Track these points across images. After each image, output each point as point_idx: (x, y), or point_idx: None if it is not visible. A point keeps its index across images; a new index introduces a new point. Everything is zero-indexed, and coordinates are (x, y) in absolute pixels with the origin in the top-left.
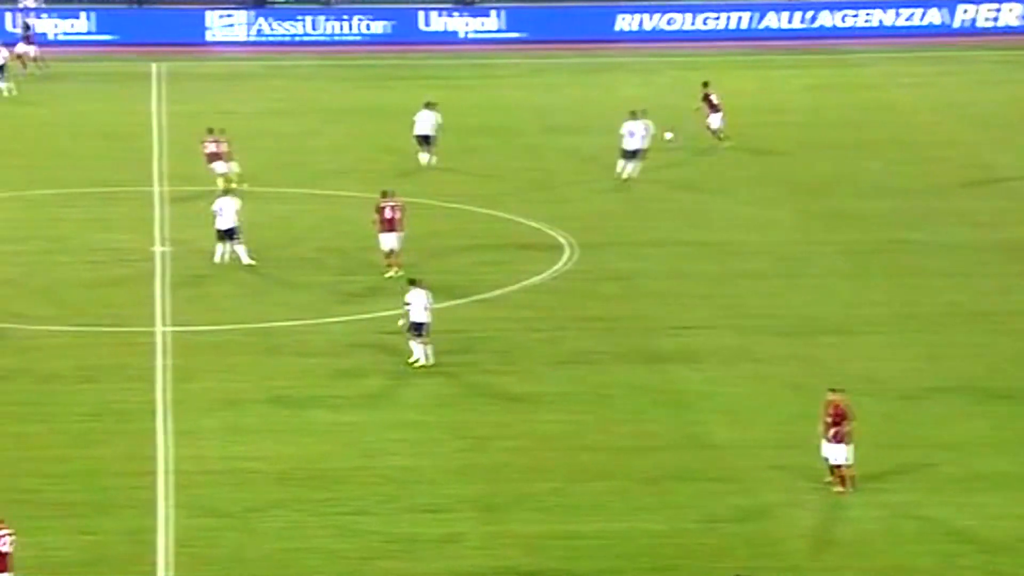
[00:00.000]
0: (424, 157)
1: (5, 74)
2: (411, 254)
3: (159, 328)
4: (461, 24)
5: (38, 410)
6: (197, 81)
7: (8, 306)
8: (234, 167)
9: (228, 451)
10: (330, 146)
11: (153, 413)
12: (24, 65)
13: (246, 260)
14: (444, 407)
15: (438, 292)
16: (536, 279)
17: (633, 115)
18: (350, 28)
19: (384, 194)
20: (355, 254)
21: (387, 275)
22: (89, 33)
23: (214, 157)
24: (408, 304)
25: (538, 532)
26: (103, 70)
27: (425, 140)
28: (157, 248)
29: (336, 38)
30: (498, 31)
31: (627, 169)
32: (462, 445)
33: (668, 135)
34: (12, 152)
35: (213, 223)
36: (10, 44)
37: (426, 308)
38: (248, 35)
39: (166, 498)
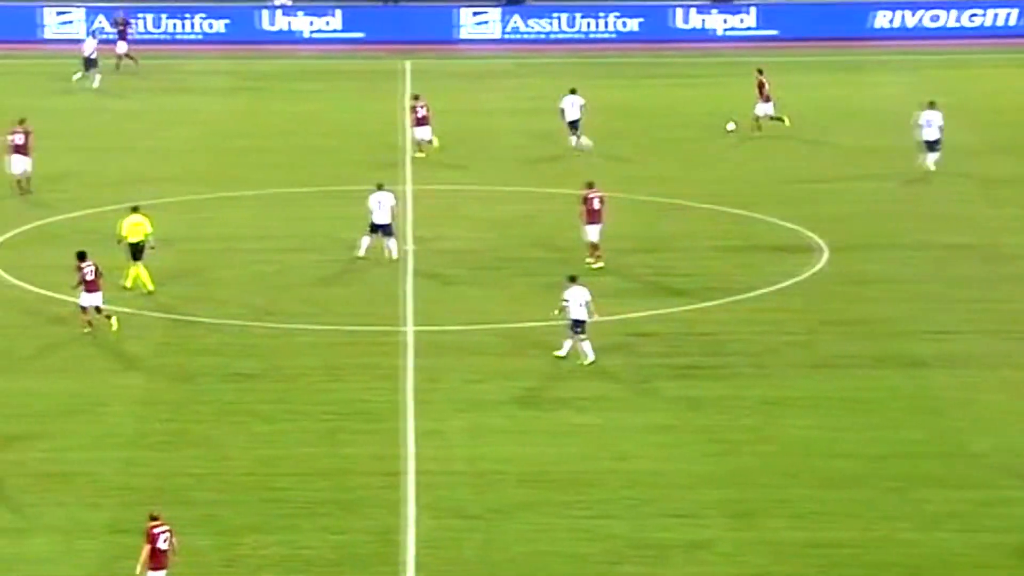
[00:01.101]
0: (574, 140)
1: (97, 66)
2: (664, 254)
3: (406, 328)
4: (719, 21)
5: (285, 409)
6: (446, 79)
7: (256, 304)
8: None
9: (474, 452)
10: (557, 144)
11: (400, 413)
12: (118, 65)
13: (395, 254)
14: (694, 410)
15: (691, 293)
16: (791, 281)
17: (931, 105)
18: (604, 25)
19: (589, 185)
20: (604, 255)
21: (591, 266)
22: (339, 31)
23: (422, 121)
24: (566, 301)
25: (790, 539)
26: (352, 68)
27: (573, 125)
28: (405, 247)
29: (590, 35)
30: (754, 28)
31: (929, 160)
32: (712, 449)
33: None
34: (265, 149)
35: (369, 217)
36: (107, 41)
37: (582, 305)
38: (501, 33)
39: (412, 499)
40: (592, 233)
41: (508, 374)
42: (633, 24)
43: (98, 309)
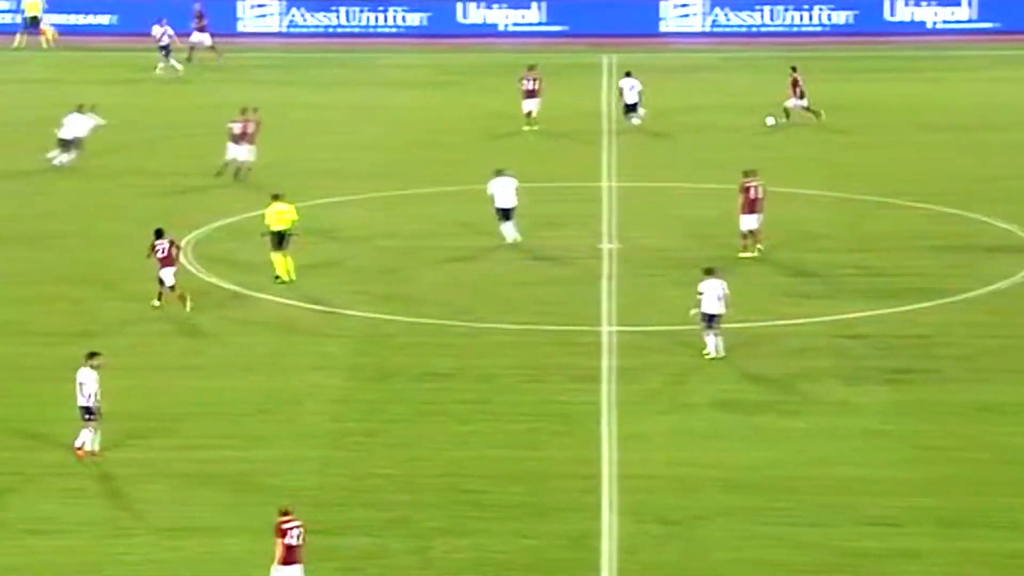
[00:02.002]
0: (634, 120)
1: (171, 55)
2: (874, 253)
3: (605, 327)
4: (929, 14)
5: (480, 410)
6: (648, 73)
7: (451, 303)
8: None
9: (674, 456)
10: (786, 142)
11: (598, 415)
12: (189, 58)
13: (511, 237)
14: (901, 415)
15: (902, 294)
16: (1006, 282)
17: None
18: (811, 18)
19: (747, 174)
20: (810, 255)
21: (742, 255)
22: (539, 24)
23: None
24: (701, 294)
25: (1006, 550)
26: (551, 62)
27: (631, 108)
28: (605, 245)
29: (796, 28)
30: (968, 20)
31: None
32: (920, 456)
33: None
34: (462, 145)
35: (492, 204)
36: (185, 33)
37: (720, 299)
38: (703, 26)
39: (610, 503)
40: (748, 222)
41: (710, 376)
42: (840, 17)
43: (172, 288)
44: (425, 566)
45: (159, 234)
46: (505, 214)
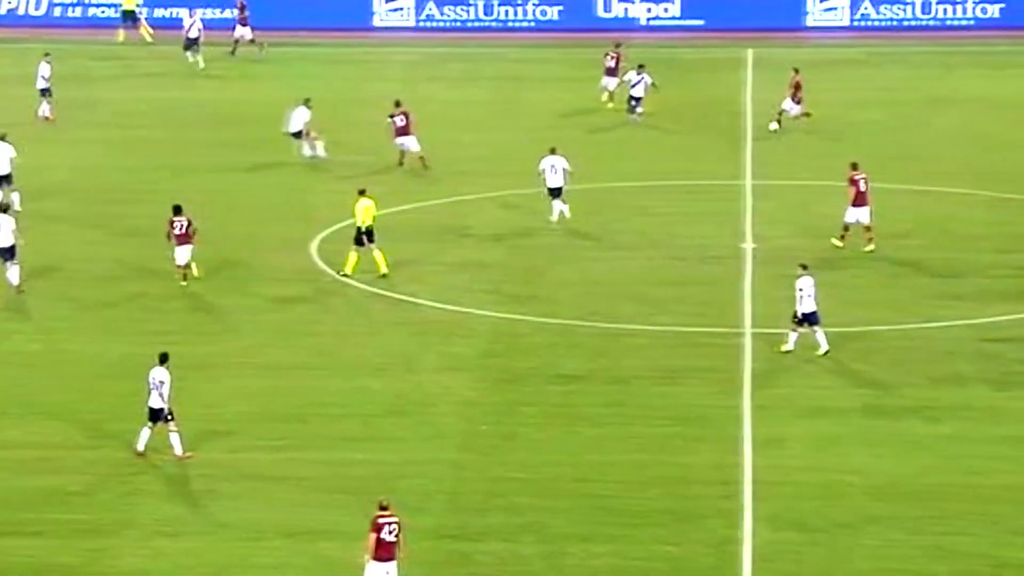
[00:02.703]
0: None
1: (199, 47)
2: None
3: (745, 329)
4: None
5: (615, 413)
6: (791, 69)
7: (587, 303)
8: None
9: (816, 462)
10: (936, 138)
11: (736, 419)
12: (233, 51)
13: (559, 213)
14: None
15: None
16: None
17: None
18: (963, 11)
19: (854, 166)
20: (960, 255)
21: (837, 244)
22: (678, 18)
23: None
24: (800, 291)
25: None
26: (691, 57)
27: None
28: (745, 245)
29: (947, 22)
30: None
31: None
32: None
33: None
34: (613, 141)
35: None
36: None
37: (811, 296)
38: (850, 20)
39: (749, 510)
40: (857, 215)
41: (852, 379)
42: (994, 10)
43: (185, 266)
44: (560, 573)
45: (177, 211)
46: (553, 193)
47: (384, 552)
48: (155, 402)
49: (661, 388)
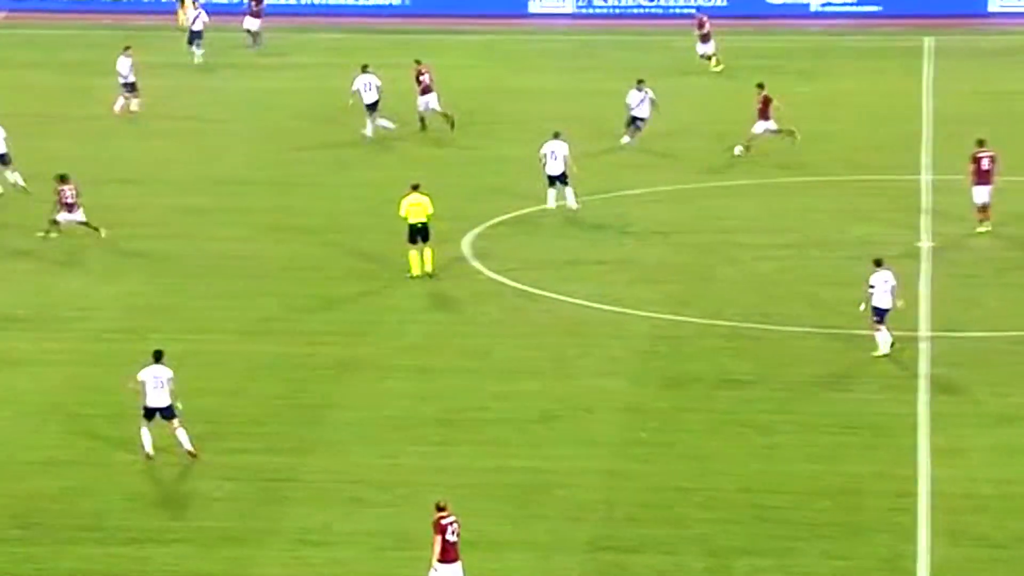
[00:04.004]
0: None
1: (201, 40)
2: None
3: (923, 333)
4: None
5: (783, 420)
6: (973, 58)
7: (754, 304)
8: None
9: (999, 473)
10: None
11: (913, 428)
12: (253, 40)
13: (573, 204)
14: None
15: None
16: None
17: None
18: None
19: (980, 143)
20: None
21: (978, 230)
22: (852, 4)
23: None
24: (872, 287)
25: None
26: (866, 45)
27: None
28: (923, 243)
29: None
30: None
31: None
32: None
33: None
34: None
35: (542, 169)
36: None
37: (887, 292)
38: None
39: (926, 523)
40: (980, 195)
41: None
42: None
43: (85, 224)
44: None
45: (64, 179)
46: (552, 181)
47: (450, 554)
48: (160, 400)
49: (832, 394)
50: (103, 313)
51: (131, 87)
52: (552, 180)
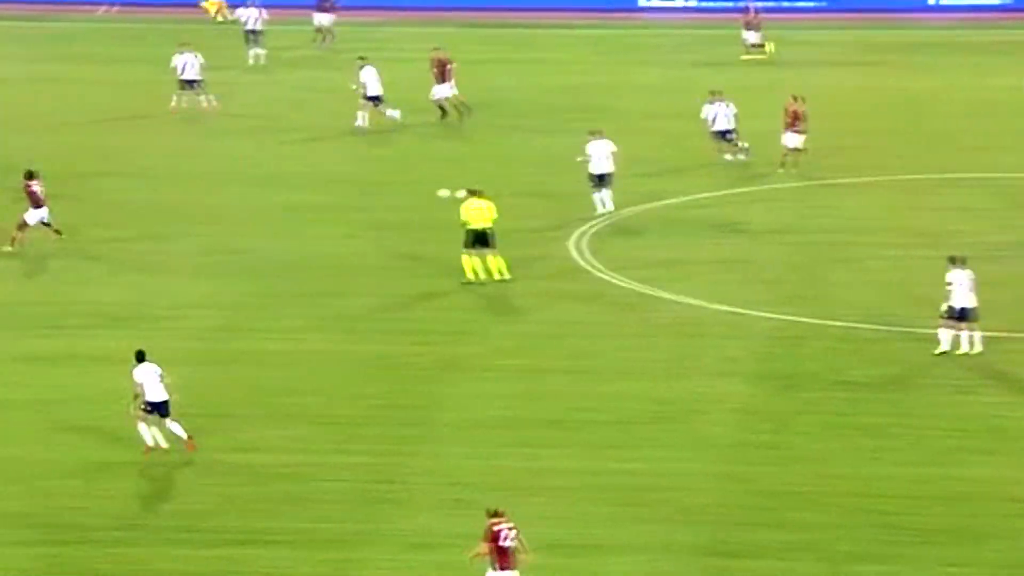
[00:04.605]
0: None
1: (259, 39)
2: None
3: None
4: None
5: (899, 423)
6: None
7: (870, 305)
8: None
9: None
10: None
11: None
12: (324, 37)
13: (610, 206)
14: None
15: None
16: None
17: None
18: None
19: None
20: None
21: None
22: None
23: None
24: (949, 285)
25: None
26: (988, 39)
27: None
28: None
29: None
30: None
31: None
32: None
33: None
34: (883, 131)
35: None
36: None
37: (971, 290)
38: None
39: None
40: None
41: None
42: None
43: (46, 224)
44: None
45: (31, 176)
46: (600, 180)
47: (505, 560)
48: (161, 395)
49: (951, 397)
50: (199, 312)
51: (190, 84)
52: (597, 179)
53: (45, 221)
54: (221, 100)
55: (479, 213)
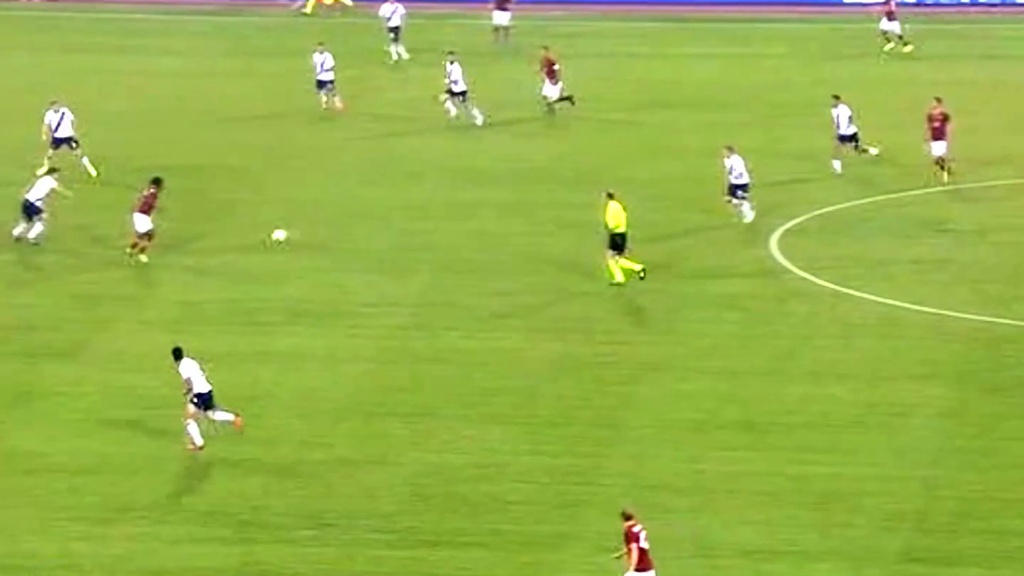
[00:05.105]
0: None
1: (399, 37)
2: None
3: None
4: None
5: None
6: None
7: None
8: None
9: None
10: None
11: None
12: (503, 35)
13: (750, 216)
14: None
15: None
16: None
17: None
18: None
19: None
20: None
21: None
22: None
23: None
24: None
25: None
26: None
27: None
28: None
29: None
30: None
31: None
32: None
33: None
34: None
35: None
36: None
37: None
38: None
39: None
40: None
41: None
42: None
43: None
44: None
45: (158, 183)
46: (735, 190)
47: (644, 561)
48: (206, 386)
49: None
50: (396, 309)
51: (322, 84)
52: (735, 189)
53: (146, 232)
54: (355, 99)
55: (620, 216)
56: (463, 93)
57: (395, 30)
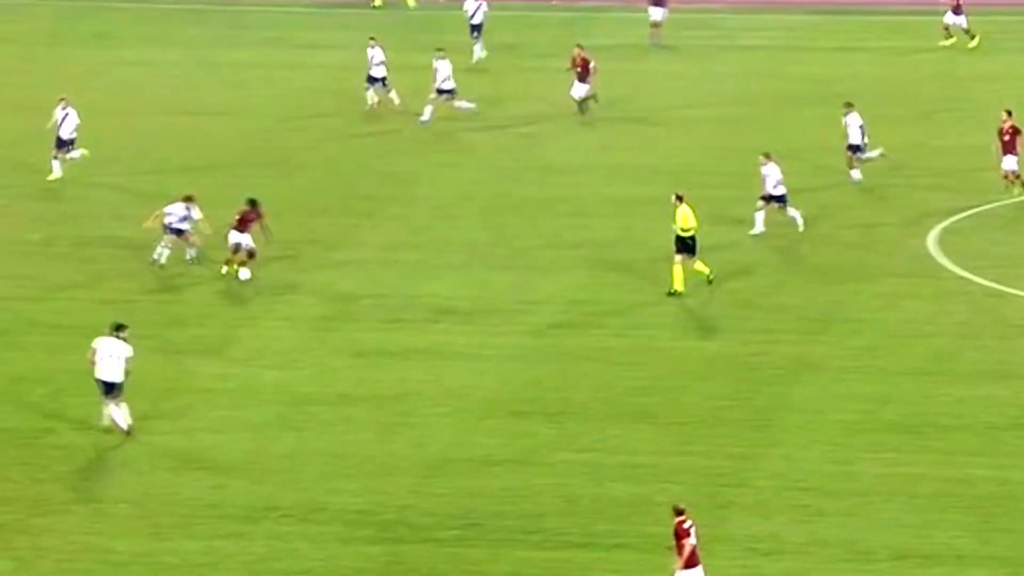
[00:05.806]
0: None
1: (481, 34)
2: None
3: None
4: None
5: None
6: None
7: None
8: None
9: None
10: None
11: None
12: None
13: (801, 225)
14: None
15: None
16: None
17: None
18: None
19: None
20: None
21: None
22: None
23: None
24: None
25: None
26: None
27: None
28: None
29: None
30: None
31: None
32: None
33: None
34: None
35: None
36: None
37: None
38: None
39: None
40: None
41: None
42: None
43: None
44: None
45: (255, 203)
46: (771, 200)
47: (694, 559)
48: (111, 375)
49: None
50: (545, 307)
51: (374, 80)
52: (771, 200)
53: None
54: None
55: (689, 217)
56: (452, 91)
57: (477, 28)
